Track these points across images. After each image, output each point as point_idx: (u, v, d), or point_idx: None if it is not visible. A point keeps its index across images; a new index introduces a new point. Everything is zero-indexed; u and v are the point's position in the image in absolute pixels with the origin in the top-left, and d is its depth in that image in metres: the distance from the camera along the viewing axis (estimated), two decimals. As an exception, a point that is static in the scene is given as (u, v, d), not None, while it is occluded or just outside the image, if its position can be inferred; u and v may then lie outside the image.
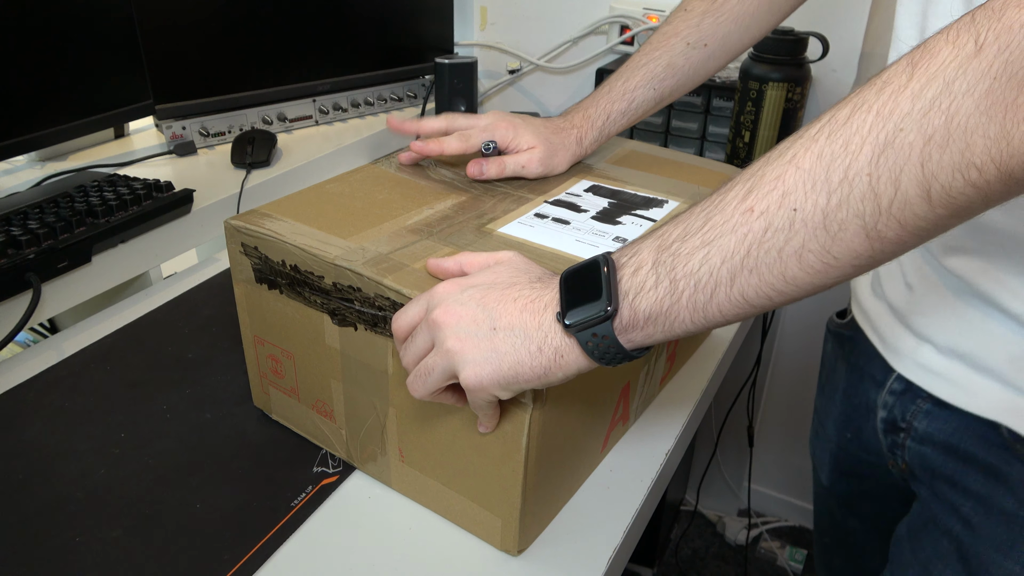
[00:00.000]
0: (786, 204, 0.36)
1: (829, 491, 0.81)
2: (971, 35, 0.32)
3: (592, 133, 0.74)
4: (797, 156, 0.36)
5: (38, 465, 0.63)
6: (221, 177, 1.06)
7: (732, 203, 0.38)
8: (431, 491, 0.59)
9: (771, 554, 1.63)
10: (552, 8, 1.41)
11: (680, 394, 0.75)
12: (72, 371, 0.75)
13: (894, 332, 0.63)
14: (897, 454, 0.65)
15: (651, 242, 0.42)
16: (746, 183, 0.38)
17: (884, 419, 0.65)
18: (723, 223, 0.38)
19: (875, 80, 0.35)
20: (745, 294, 0.39)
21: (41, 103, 0.90)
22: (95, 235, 0.83)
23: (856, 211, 0.35)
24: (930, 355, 0.59)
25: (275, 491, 0.61)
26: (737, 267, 0.38)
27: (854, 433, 0.73)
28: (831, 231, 0.36)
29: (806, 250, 0.36)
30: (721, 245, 0.38)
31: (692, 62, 0.74)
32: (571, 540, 0.58)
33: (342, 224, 0.60)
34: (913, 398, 0.62)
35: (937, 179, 0.33)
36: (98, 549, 0.55)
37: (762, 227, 0.37)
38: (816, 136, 0.36)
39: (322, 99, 1.26)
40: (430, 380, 0.47)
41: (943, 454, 0.60)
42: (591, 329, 0.41)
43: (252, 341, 0.65)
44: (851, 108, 0.35)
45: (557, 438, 0.55)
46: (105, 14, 0.95)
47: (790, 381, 1.53)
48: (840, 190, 0.35)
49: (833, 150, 0.35)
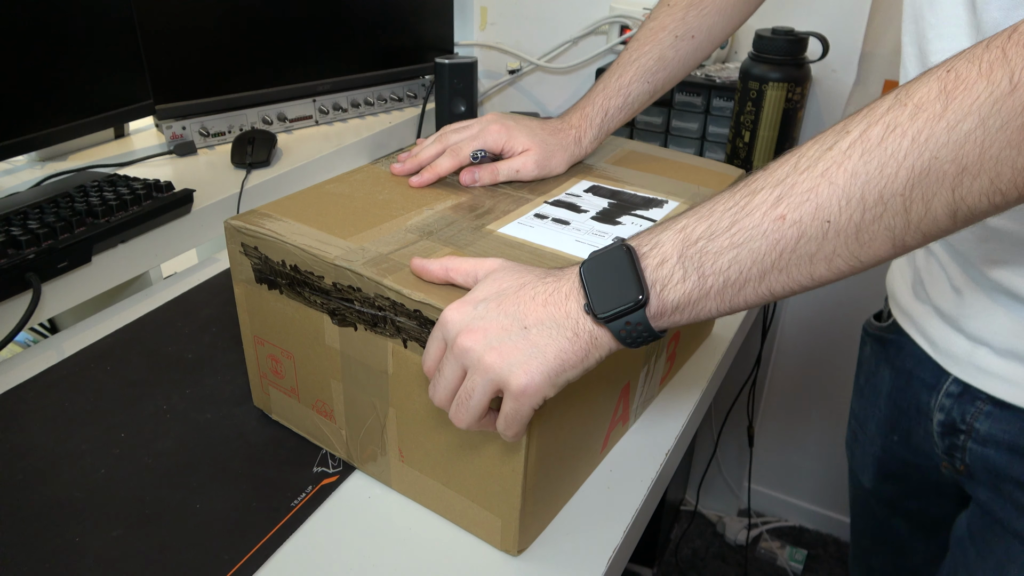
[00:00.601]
0: (820, 216, 0.39)
1: (872, 493, 0.81)
2: (1006, 73, 0.34)
3: (591, 132, 0.75)
4: (830, 171, 0.38)
5: (38, 465, 0.63)
6: (221, 177, 1.06)
7: (761, 208, 0.40)
8: (431, 491, 0.59)
9: (771, 554, 1.63)
10: (552, 8, 1.41)
11: (680, 394, 0.75)
12: (72, 371, 0.75)
13: (945, 335, 0.63)
14: (956, 456, 0.65)
15: (673, 236, 0.43)
16: (774, 189, 0.40)
17: (941, 422, 0.65)
18: (752, 227, 0.40)
19: (905, 101, 0.37)
20: (772, 289, 0.41)
21: (41, 103, 0.90)
22: (95, 235, 0.83)
23: (887, 226, 0.38)
24: (987, 357, 0.59)
25: (275, 491, 0.61)
26: (768, 268, 0.40)
27: (902, 436, 0.72)
28: (862, 242, 0.39)
29: (836, 255, 0.39)
30: (752, 248, 0.40)
31: (681, 54, 0.76)
32: (571, 540, 0.58)
33: (342, 224, 0.60)
34: (972, 399, 0.61)
35: (965, 202, 0.36)
36: (98, 549, 0.55)
37: (795, 235, 0.39)
38: (849, 153, 0.38)
39: (322, 99, 1.26)
40: (472, 403, 0.46)
41: (1008, 455, 0.59)
42: (625, 318, 0.43)
43: (252, 341, 0.65)
44: (884, 129, 0.37)
45: (557, 438, 0.55)
46: (105, 14, 0.95)
47: (790, 381, 1.53)
48: (875, 209, 0.37)
49: (868, 171, 0.37)
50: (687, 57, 0.76)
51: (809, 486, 1.63)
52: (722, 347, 0.83)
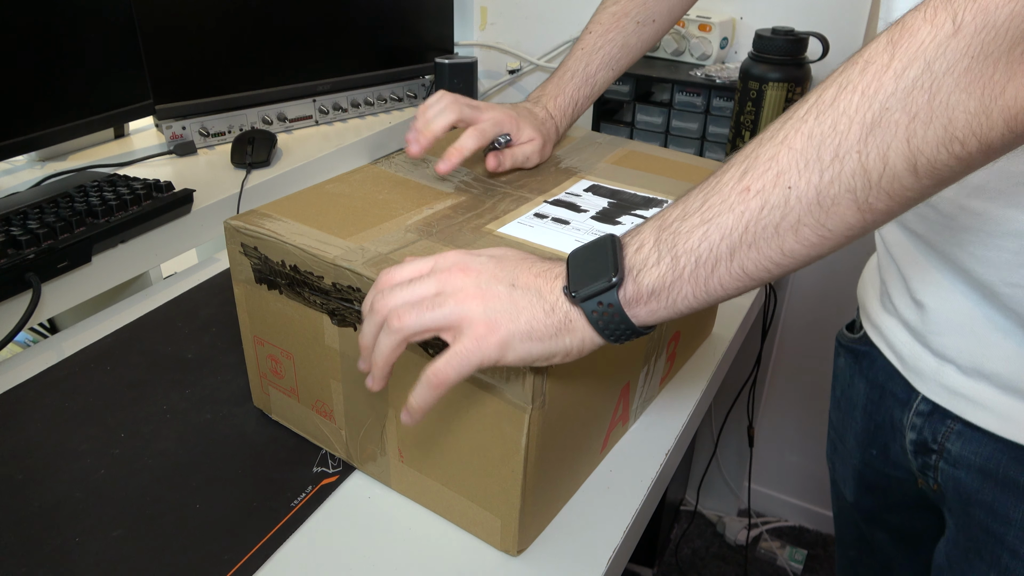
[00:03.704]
0: (781, 183, 0.38)
1: (854, 507, 0.79)
2: (948, 15, 0.34)
3: (564, 122, 0.79)
4: (788, 137, 0.38)
5: (38, 465, 0.63)
6: (221, 177, 1.06)
7: (729, 184, 0.40)
8: (431, 491, 0.59)
9: (771, 554, 1.63)
10: (552, 8, 1.41)
11: (680, 394, 0.75)
12: (72, 371, 0.75)
13: (912, 351, 0.61)
14: (929, 475, 0.63)
15: (652, 222, 0.44)
16: (741, 164, 0.40)
17: (914, 441, 0.63)
18: (720, 203, 0.40)
19: (856, 59, 0.37)
20: (745, 267, 0.41)
21: (41, 103, 0.90)
22: (95, 235, 0.83)
23: (848, 186, 0.37)
24: (954, 376, 0.57)
25: (275, 491, 0.61)
26: (736, 243, 0.40)
27: (880, 450, 0.70)
28: (824, 206, 0.38)
29: (801, 224, 0.38)
30: (720, 223, 0.40)
31: (643, 39, 0.78)
32: (571, 540, 0.58)
33: (342, 224, 0.60)
34: (942, 419, 0.59)
35: (923, 153, 0.35)
36: (98, 549, 0.55)
37: (759, 205, 0.39)
38: (805, 117, 0.38)
39: (322, 99, 1.26)
40: (427, 316, 0.44)
41: (980, 478, 0.57)
42: (596, 298, 0.43)
43: (252, 341, 0.65)
44: (836, 88, 0.37)
45: (557, 438, 0.55)
46: (105, 14, 0.95)
47: (790, 381, 1.53)
48: (832, 168, 0.37)
49: (823, 130, 0.37)
50: (648, 40, 0.79)
51: (810, 486, 1.63)
52: (722, 347, 0.83)
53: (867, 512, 0.79)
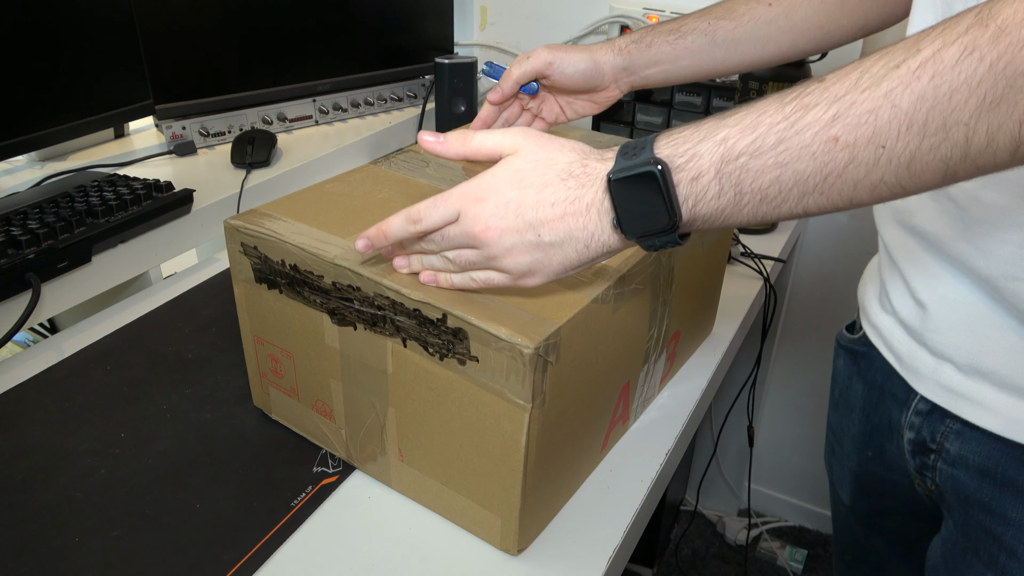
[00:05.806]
0: (876, 141, 0.36)
1: (850, 509, 0.79)
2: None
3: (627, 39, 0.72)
4: (895, 92, 0.35)
5: (38, 465, 0.63)
6: (221, 177, 1.06)
7: (813, 127, 0.37)
8: (431, 491, 0.59)
9: (771, 554, 1.63)
10: (552, 8, 1.41)
11: (680, 394, 0.75)
12: (72, 371, 0.75)
13: (910, 350, 0.61)
14: (927, 476, 0.63)
15: (712, 148, 0.40)
16: (829, 107, 0.37)
17: (912, 440, 0.63)
18: (801, 147, 0.37)
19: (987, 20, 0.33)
20: (808, 209, 0.39)
21: (41, 103, 0.90)
22: (95, 235, 0.83)
23: (944, 157, 0.35)
24: (952, 375, 0.57)
25: (275, 491, 0.61)
26: (809, 190, 0.38)
27: (876, 452, 0.70)
28: (914, 171, 0.36)
29: (883, 183, 0.37)
30: (797, 169, 0.38)
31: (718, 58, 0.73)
32: (571, 540, 0.58)
33: (342, 224, 0.60)
34: (941, 418, 0.59)
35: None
36: (98, 549, 0.55)
37: (846, 159, 0.37)
38: (918, 73, 0.34)
39: (322, 99, 1.26)
40: (466, 277, 0.50)
41: (978, 478, 0.57)
42: (650, 239, 0.43)
43: (252, 341, 0.65)
44: (960, 50, 0.33)
45: (557, 438, 0.55)
46: (105, 14, 0.95)
47: (790, 381, 1.53)
48: (935, 137, 0.34)
49: (937, 96, 0.34)
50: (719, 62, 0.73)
51: (809, 486, 1.63)
52: (722, 347, 0.83)
53: (864, 516, 0.78)
